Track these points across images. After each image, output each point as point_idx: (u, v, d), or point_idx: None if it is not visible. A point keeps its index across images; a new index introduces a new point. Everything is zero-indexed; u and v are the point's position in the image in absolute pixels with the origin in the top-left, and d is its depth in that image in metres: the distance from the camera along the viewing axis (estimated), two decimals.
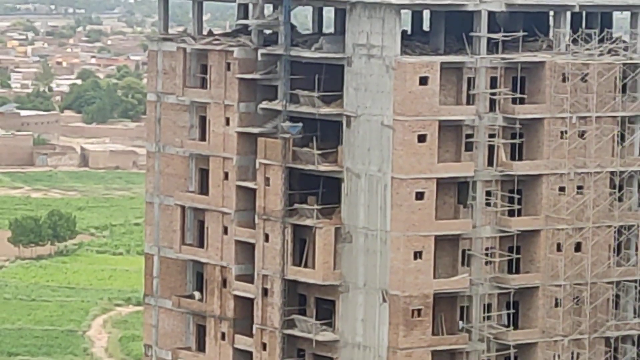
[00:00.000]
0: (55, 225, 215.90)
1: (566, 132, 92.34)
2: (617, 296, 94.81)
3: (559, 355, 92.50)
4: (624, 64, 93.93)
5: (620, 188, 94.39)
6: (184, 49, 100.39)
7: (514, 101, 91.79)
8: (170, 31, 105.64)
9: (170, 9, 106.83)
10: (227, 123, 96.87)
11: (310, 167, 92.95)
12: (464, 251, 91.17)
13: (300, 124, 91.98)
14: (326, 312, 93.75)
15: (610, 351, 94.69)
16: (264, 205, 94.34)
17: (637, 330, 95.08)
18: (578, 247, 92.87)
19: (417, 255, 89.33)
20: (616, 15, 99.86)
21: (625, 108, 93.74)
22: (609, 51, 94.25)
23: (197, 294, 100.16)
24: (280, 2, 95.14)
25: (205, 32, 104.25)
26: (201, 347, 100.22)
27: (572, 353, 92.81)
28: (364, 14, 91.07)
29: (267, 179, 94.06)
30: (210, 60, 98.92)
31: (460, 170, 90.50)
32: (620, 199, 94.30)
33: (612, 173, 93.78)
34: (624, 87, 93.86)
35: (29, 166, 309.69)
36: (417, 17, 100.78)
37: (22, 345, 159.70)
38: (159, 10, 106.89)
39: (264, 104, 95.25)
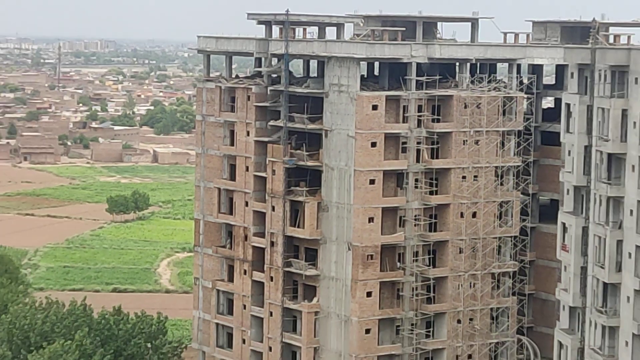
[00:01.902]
0: (136, 200, 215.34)
1: (466, 140, 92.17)
2: (499, 246, 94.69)
3: (461, 285, 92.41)
4: (504, 97, 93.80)
5: (502, 177, 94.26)
6: (220, 87, 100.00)
7: (433, 120, 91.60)
8: (211, 75, 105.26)
9: (210, 60, 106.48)
10: (248, 135, 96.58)
11: (301, 163, 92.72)
12: (400, 217, 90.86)
13: (295, 159, 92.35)
14: (311, 256, 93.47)
15: (494, 282, 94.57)
16: (271, 188, 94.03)
17: (512, 269, 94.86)
18: (474, 215, 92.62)
19: (370, 220, 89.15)
20: (499, 65, 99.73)
21: (505, 125, 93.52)
22: (494, 88, 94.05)
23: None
24: (282, 57, 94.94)
25: (233, 76, 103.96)
26: (230, 279, 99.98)
27: (470, 283, 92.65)
28: (336, 64, 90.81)
29: (273, 171, 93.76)
30: (237, 94, 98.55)
31: (398, 165, 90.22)
32: (501, 184, 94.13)
33: (496, 167, 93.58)
34: (504, 111, 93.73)
35: (119, 162, 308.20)
36: (370, 66, 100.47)
37: (115, 278, 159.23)
38: (204, 62, 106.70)
39: (272, 122, 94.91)
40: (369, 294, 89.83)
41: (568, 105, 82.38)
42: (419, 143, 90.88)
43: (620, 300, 75.29)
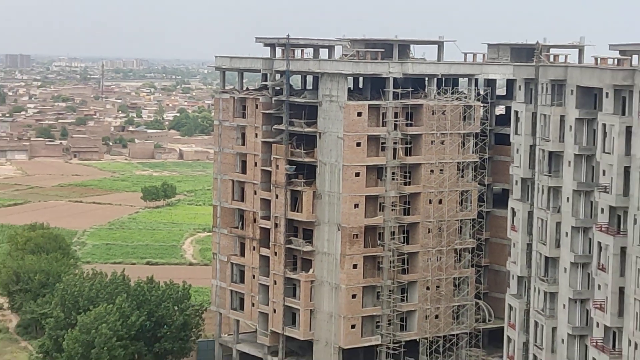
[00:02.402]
0: (165, 190, 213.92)
1: (434, 141, 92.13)
2: (461, 227, 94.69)
3: (429, 258, 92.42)
4: (464, 105, 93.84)
5: (462, 170, 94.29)
6: (233, 97, 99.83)
7: (406, 125, 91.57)
8: (226, 88, 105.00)
9: (225, 76, 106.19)
10: (256, 136, 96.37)
11: (300, 159, 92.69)
12: (380, 204, 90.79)
13: (294, 167, 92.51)
14: (308, 235, 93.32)
15: (456, 256, 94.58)
16: (275, 179, 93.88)
17: (471, 245, 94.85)
18: (440, 201, 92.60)
19: (356, 205, 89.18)
20: (460, 79, 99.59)
21: (465, 128, 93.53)
22: (456, 98, 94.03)
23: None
24: (283, 73, 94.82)
25: (244, 88, 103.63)
26: (242, 254, 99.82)
27: (437, 257, 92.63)
28: (328, 78, 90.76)
29: (277, 166, 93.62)
30: (247, 103, 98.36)
31: (378, 161, 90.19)
32: (462, 176, 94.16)
33: (458, 163, 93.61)
34: (464, 117, 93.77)
35: (152, 159, 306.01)
36: (355, 80, 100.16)
37: (148, 253, 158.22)
38: (220, 77, 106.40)
39: (276, 126, 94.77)
40: (354, 266, 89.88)
41: (516, 112, 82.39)
42: (395, 143, 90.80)
43: (559, 270, 75.52)
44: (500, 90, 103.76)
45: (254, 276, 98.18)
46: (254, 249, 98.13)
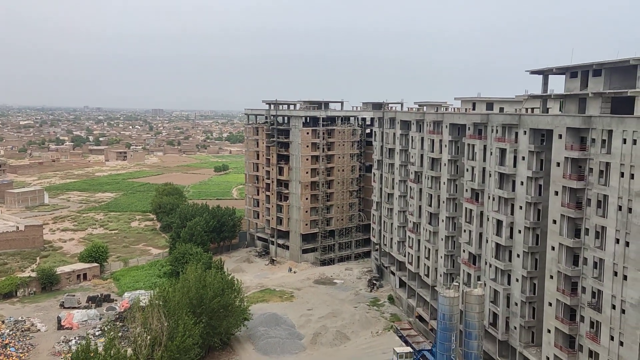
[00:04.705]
0: (224, 167, 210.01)
1: (340, 144, 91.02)
2: (352, 181, 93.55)
3: (339, 195, 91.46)
4: (353, 128, 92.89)
5: (352, 157, 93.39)
6: (252, 126, 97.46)
7: (328, 137, 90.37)
8: (250, 122, 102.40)
9: (249, 117, 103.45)
10: (263, 143, 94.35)
11: (283, 153, 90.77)
12: (317, 171, 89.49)
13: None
14: (286, 186, 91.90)
15: (350, 194, 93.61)
16: (271, 162, 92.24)
17: (356, 189, 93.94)
18: (343, 170, 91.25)
19: (306, 172, 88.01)
20: (351, 117, 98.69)
21: (353, 138, 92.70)
22: (349, 125, 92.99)
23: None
24: (274, 116, 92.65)
25: (257, 122, 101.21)
26: (257, 194, 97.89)
27: (342, 194, 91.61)
28: (294, 118, 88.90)
29: (272, 155, 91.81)
30: (259, 129, 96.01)
31: (315, 153, 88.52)
32: (352, 159, 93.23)
33: (350, 153, 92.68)
34: (352, 133, 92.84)
35: (217, 154, 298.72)
36: (306, 118, 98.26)
37: (217, 194, 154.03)
38: (247, 118, 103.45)
39: (272, 139, 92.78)
40: (307, 199, 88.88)
41: (375, 131, 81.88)
42: (323, 145, 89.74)
43: (394, 199, 75.80)
44: (368, 122, 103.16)
45: (263, 204, 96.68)
46: (263, 192, 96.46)
